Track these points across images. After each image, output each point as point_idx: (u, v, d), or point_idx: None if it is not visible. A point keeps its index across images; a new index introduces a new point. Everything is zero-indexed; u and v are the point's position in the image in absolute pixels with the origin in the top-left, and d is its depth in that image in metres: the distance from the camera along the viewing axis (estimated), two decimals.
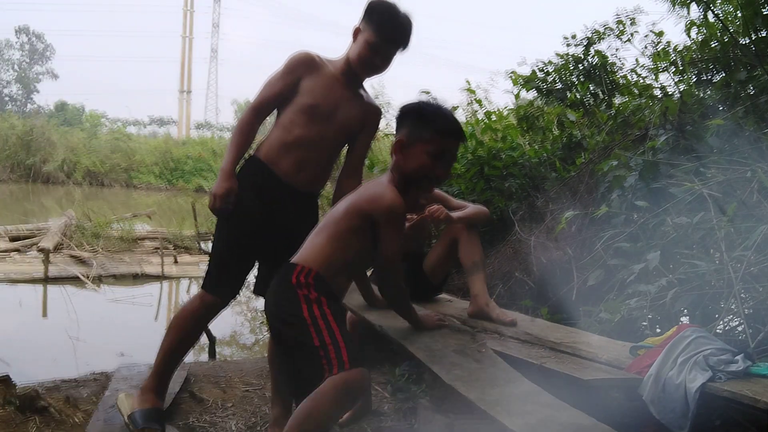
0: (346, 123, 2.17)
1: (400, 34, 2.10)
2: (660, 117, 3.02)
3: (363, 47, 2.07)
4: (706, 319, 2.11)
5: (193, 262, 7.83)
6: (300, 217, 2.19)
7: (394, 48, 2.11)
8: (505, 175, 4.04)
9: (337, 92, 2.13)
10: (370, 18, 2.07)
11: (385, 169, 4.56)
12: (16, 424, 2.17)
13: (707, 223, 2.19)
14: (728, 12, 3.37)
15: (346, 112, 2.16)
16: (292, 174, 2.14)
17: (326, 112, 2.12)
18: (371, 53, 2.07)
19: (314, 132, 2.12)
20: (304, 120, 2.11)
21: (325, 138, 2.15)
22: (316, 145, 2.14)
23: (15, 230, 7.94)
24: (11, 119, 22.67)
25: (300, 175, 2.15)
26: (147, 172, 22.76)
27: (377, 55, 2.09)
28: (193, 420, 2.43)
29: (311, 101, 2.10)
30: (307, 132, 2.11)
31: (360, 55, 2.08)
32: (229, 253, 2.19)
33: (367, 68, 2.13)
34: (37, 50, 42.91)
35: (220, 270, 2.20)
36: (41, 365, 3.54)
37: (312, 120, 2.11)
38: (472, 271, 2.30)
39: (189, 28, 35.49)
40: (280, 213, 2.15)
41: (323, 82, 2.12)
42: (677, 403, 1.54)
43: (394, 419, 2.53)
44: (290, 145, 2.12)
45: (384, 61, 2.12)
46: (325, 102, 2.11)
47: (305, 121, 2.11)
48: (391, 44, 2.09)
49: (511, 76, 4.80)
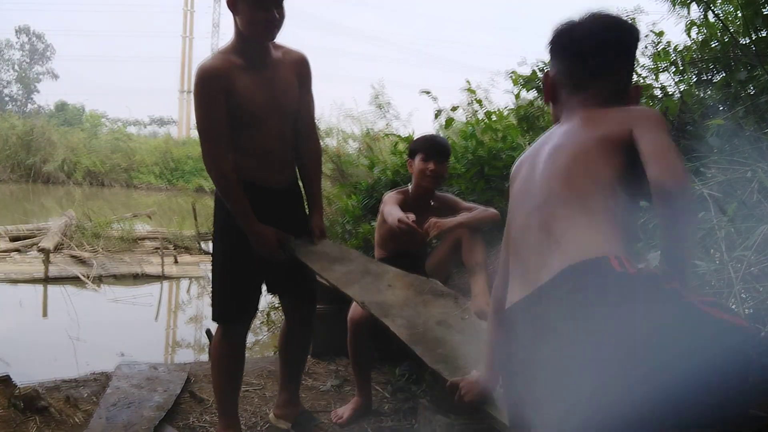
0: (279, 104, 2.05)
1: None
2: None
3: (247, 11, 1.90)
4: None
5: (193, 262, 7.83)
6: (289, 211, 2.19)
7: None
8: (505, 175, 4.04)
9: (254, 84, 1.98)
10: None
11: (385, 169, 4.57)
12: (17, 424, 2.18)
13: (707, 223, 2.19)
14: (728, 12, 3.37)
15: (271, 95, 2.02)
16: (264, 177, 2.08)
17: (257, 111, 2.00)
18: (262, 10, 1.89)
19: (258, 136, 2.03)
20: (250, 131, 2.02)
21: (271, 133, 2.05)
22: (267, 143, 2.06)
23: (15, 230, 7.95)
24: (11, 119, 22.68)
25: (271, 176, 2.11)
26: (147, 172, 22.76)
27: (265, 7, 1.90)
28: (194, 420, 2.43)
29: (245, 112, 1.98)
30: (261, 136, 2.03)
31: (251, 19, 1.90)
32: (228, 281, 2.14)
33: (266, 27, 1.94)
34: (38, 50, 42.92)
35: (227, 297, 2.15)
36: (41, 365, 3.55)
37: (256, 125, 2.01)
38: (474, 272, 2.31)
39: (189, 28, 35.49)
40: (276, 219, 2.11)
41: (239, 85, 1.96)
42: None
43: (395, 419, 2.53)
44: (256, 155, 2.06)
45: (277, 9, 1.93)
46: (252, 104, 1.98)
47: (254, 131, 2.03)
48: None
49: (512, 76, 4.79)
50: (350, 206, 4.55)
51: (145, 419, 2.30)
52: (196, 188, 19.87)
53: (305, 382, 2.96)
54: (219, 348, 2.18)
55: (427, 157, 2.47)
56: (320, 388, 2.90)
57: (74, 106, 35.30)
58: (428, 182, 2.48)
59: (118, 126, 27.44)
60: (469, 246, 2.35)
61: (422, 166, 2.47)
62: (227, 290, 2.14)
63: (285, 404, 2.40)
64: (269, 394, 2.75)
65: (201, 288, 6.79)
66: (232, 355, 2.19)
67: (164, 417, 2.35)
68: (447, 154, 2.55)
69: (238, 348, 2.21)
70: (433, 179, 2.47)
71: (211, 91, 1.93)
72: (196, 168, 23.10)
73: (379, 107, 7.16)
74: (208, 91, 1.93)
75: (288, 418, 2.38)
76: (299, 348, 2.39)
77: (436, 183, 2.51)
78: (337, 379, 2.99)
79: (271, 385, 2.88)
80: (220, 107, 1.94)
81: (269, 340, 4.64)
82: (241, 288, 2.14)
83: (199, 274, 7.29)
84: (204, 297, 6.46)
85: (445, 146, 2.56)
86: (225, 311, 2.15)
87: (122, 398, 2.49)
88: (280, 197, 2.14)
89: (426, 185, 2.49)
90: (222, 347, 2.18)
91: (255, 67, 2.00)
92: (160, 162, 23.21)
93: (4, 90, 41.95)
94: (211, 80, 1.93)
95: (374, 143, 6.97)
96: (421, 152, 2.50)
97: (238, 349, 2.21)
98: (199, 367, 3.11)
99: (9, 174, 20.35)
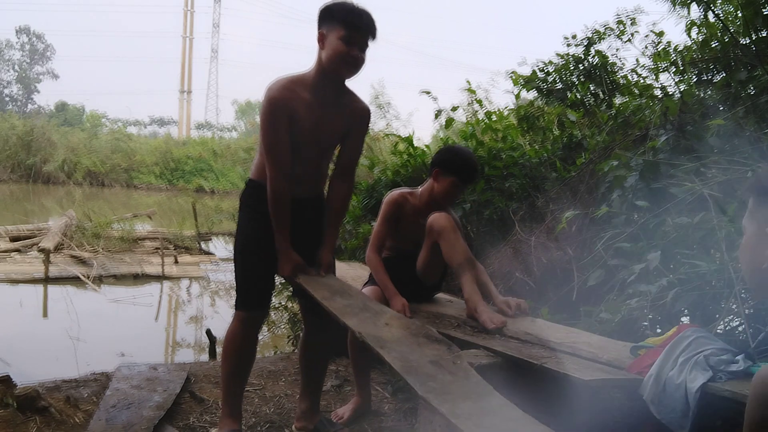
0: (328, 139, 2.19)
1: (367, 20, 2.05)
2: (660, 117, 3.02)
3: (336, 45, 2.01)
4: (707, 319, 2.11)
5: (193, 262, 7.84)
6: (311, 220, 2.25)
7: (365, 35, 2.06)
8: (505, 175, 4.04)
9: (316, 114, 2.11)
10: (332, 17, 2.04)
11: (385, 169, 4.57)
12: (17, 424, 2.18)
13: (708, 223, 2.19)
14: (728, 12, 3.37)
15: (327, 129, 2.15)
16: (293, 188, 2.15)
17: (309, 138, 2.12)
18: (347, 46, 2.01)
19: (300, 156, 2.13)
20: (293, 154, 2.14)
21: (311, 158, 2.17)
22: (304, 161, 2.16)
23: (15, 230, 7.95)
24: (12, 119, 22.71)
25: (300, 188, 2.18)
26: (147, 172, 22.78)
27: (353, 46, 2.03)
28: (194, 420, 2.43)
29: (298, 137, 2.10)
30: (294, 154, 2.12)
31: (335, 53, 2.02)
32: (252, 272, 2.21)
33: (346, 64, 2.05)
34: (38, 50, 42.93)
35: (246, 287, 2.22)
36: (42, 365, 3.55)
37: (296, 149, 2.12)
38: (459, 273, 2.29)
39: (189, 28, 35.53)
40: (296, 223, 2.18)
41: (303, 111, 2.08)
42: (678, 403, 1.54)
43: (395, 419, 2.53)
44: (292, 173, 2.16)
45: (361, 51, 2.06)
46: (307, 131, 2.10)
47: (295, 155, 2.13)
48: (362, 32, 2.04)
49: (512, 76, 4.79)
50: (350, 206, 4.55)
51: (144, 419, 2.30)
52: (197, 188, 19.90)
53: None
54: (237, 336, 2.22)
55: (462, 184, 2.44)
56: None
57: (74, 107, 35.36)
58: (450, 204, 2.49)
59: (119, 126, 27.47)
60: (447, 248, 2.31)
61: (453, 191, 2.43)
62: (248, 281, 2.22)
63: (304, 415, 2.39)
64: (269, 394, 2.75)
65: (201, 288, 6.79)
66: (248, 343, 2.25)
67: (164, 417, 2.35)
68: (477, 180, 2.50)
69: (254, 337, 2.28)
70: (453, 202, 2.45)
71: (277, 117, 2.05)
72: (196, 168, 23.13)
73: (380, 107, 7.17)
74: (275, 116, 2.05)
75: (306, 429, 2.38)
76: (317, 355, 2.40)
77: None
78: (337, 379, 2.99)
79: (271, 385, 2.88)
80: (284, 132, 2.06)
81: (269, 341, 4.65)
82: (263, 276, 2.22)
83: (199, 274, 7.29)
84: (204, 297, 6.47)
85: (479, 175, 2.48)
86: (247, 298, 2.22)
87: (122, 399, 2.49)
88: (297, 205, 2.18)
89: (446, 205, 2.48)
90: (235, 330, 2.22)
91: (320, 104, 2.11)
92: (161, 162, 23.23)
93: (5, 90, 41.98)
94: (278, 109, 2.05)
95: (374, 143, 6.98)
96: (455, 175, 2.41)
97: (253, 338, 2.28)
98: (199, 367, 3.11)
99: (9, 174, 20.37)
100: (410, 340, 1.86)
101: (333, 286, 2.19)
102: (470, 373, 1.67)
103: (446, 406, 1.44)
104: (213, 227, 9.70)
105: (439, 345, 1.86)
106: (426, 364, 1.70)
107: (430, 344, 1.85)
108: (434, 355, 1.77)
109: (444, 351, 1.81)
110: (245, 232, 2.23)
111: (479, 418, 1.39)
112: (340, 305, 2.03)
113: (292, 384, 2.90)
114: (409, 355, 1.74)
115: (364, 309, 2.05)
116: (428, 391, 1.52)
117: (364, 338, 1.83)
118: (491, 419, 1.39)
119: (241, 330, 2.22)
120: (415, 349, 1.79)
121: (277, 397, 2.73)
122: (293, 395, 2.76)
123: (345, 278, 3.03)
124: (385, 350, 1.75)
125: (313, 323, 2.37)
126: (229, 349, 2.23)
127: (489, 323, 2.10)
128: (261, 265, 2.19)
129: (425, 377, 1.61)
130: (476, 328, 2.14)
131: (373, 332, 1.87)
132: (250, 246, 2.20)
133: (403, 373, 1.62)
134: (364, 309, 2.05)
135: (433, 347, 1.83)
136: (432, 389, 1.54)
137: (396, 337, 1.88)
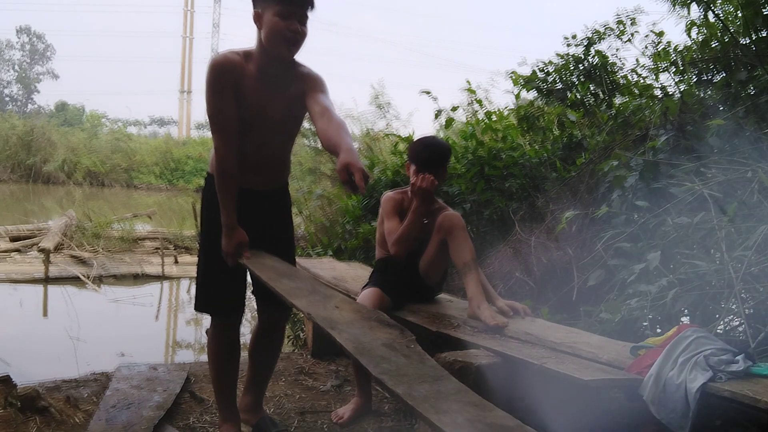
0: (280, 120, 2.06)
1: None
2: (660, 117, 3.02)
3: (272, 22, 1.90)
4: (707, 319, 2.11)
5: (193, 262, 7.82)
6: (273, 212, 2.18)
7: (302, 6, 1.93)
8: (505, 175, 4.04)
9: (262, 92, 2.00)
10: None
11: (385, 169, 4.58)
12: (17, 424, 2.18)
13: (708, 223, 2.19)
14: (728, 12, 3.37)
15: (276, 109, 2.03)
16: (252, 179, 2.08)
17: (257, 117, 2.01)
18: (284, 22, 1.90)
19: (252, 139, 2.04)
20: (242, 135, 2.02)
21: (264, 141, 2.06)
22: (260, 149, 2.06)
23: (15, 230, 7.95)
24: (12, 119, 22.69)
25: (258, 178, 2.10)
26: (147, 172, 22.77)
27: (290, 20, 1.90)
28: (194, 420, 2.43)
29: (244, 114, 1.98)
30: (245, 141, 2.03)
31: (272, 30, 1.90)
32: (212, 270, 2.13)
33: (286, 41, 1.93)
34: (38, 50, 42.91)
35: (207, 289, 2.15)
36: (42, 365, 3.55)
37: (246, 130, 2.02)
38: (465, 273, 2.29)
39: (189, 28, 35.48)
40: (253, 217, 2.10)
41: (248, 86, 1.97)
42: (678, 403, 1.54)
43: (395, 419, 2.53)
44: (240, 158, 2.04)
45: (301, 24, 1.93)
46: (254, 109, 2.00)
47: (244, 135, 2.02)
48: (297, 3, 1.92)
49: (512, 76, 4.79)
50: (350, 206, 4.55)
51: (144, 419, 2.30)
52: (197, 188, 19.87)
53: (305, 382, 2.96)
54: (213, 342, 2.20)
55: (421, 170, 2.39)
56: (320, 388, 2.90)
57: (74, 107, 35.32)
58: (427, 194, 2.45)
59: (119, 126, 27.43)
60: (456, 246, 2.32)
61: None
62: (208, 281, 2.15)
63: (247, 408, 2.35)
64: (269, 394, 2.75)
65: None
66: (225, 348, 2.20)
67: (164, 417, 2.35)
68: (443, 162, 2.47)
69: (233, 340, 2.22)
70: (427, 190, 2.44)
71: (222, 82, 1.95)
72: (197, 168, 23.11)
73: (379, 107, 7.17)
74: (219, 82, 1.95)
75: (249, 423, 2.34)
76: (268, 352, 2.36)
77: (434, 191, 2.49)
78: (337, 379, 2.99)
79: (271, 385, 2.87)
80: (228, 99, 1.95)
81: None
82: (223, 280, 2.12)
83: None
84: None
85: (440, 155, 2.44)
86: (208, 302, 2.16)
87: (122, 399, 2.49)
88: (258, 197, 2.11)
89: (425, 196, 2.46)
90: (215, 341, 2.20)
91: (266, 79, 2.00)
92: (161, 162, 23.22)
93: (5, 90, 41.97)
94: (222, 72, 1.95)
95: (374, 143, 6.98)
96: (414, 162, 2.43)
97: (231, 343, 2.21)
98: (199, 367, 3.11)
99: (9, 174, 20.36)
100: (362, 323, 1.81)
101: (280, 268, 2.09)
102: (425, 357, 1.64)
103: (402, 388, 1.41)
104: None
105: (391, 329, 1.80)
106: (379, 346, 1.65)
107: (383, 328, 1.80)
108: (387, 339, 1.72)
109: (397, 335, 1.77)
110: (208, 229, 2.12)
111: (436, 402, 1.36)
112: (287, 287, 1.96)
113: (292, 384, 2.91)
114: (361, 337, 1.70)
115: (314, 292, 1.99)
116: (383, 372, 1.48)
117: (313, 318, 1.79)
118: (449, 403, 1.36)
119: (216, 335, 2.18)
120: (367, 332, 1.75)
121: (277, 397, 2.73)
122: (293, 395, 2.77)
123: (345, 278, 3.04)
124: (336, 331, 1.71)
125: (267, 322, 2.31)
126: (210, 355, 2.21)
127: (491, 320, 2.11)
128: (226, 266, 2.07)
129: (379, 359, 1.56)
130: (476, 328, 2.14)
131: (322, 314, 1.82)
132: (214, 245, 2.07)
133: (356, 354, 1.57)
134: (314, 292, 1.99)
135: (385, 331, 1.78)
136: (386, 371, 1.49)
137: (347, 319, 1.83)
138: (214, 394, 2.27)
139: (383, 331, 1.79)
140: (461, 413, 1.31)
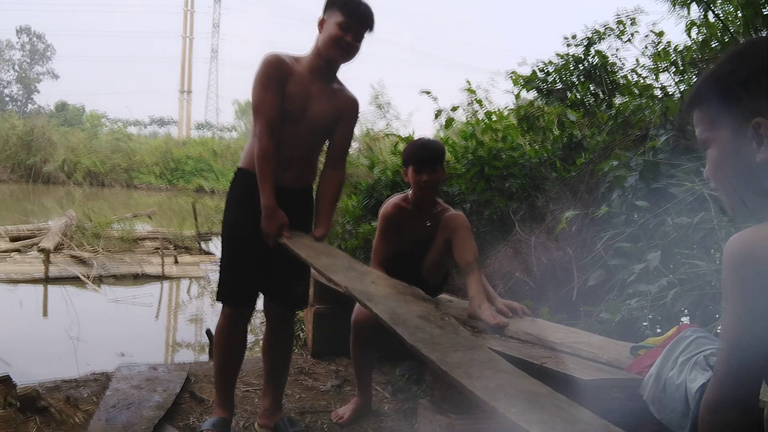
0: (317, 119, 2.20)
1: (365, 11, 2.15)
2: (660, 117, 3.02)
3: (332, 29, 2.11)
4: (707, 319, 2.11)
5: (193, 262, 7.83)
6: (296, 212, 2.23)
7: (362, 26, 2.14)
8: (505, 175, 4.04)
9: (308, 90, 2.17)
10: (334, 4, 2.14)
11: (385, 169, 4.58)
12: (17, 424, 2.18)
13: (708, 223, 2.19)
14: (729, 12, 3.37)
15: (316, 108, 2.18)
16: (280, 174, 2.17)
17: (297, 112, 2.16)
18: (342, 32, 2.10)
19: (288, 133, 2.16)
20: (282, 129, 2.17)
21: (299, 137, 2.19)
22: (292, 144, 2.18)
23: (15, 230, 7.95)
24: (12, 119, 22.69)
25: (286, 174, 2.20)
26: (147, 172, 22.77)
27: (348, 32, 2.11)
28: (194, 420, 2.43)
29: (287, 107, 2.14)
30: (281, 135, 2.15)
31: (330, 37, 2.11)
32: (234, 262, 2.22)
33: (340, 50, 2.13)
34: (38, 50, 42.93)
35: (228, 279, 2.24)
36: (42, 365, 3.54)
37: (284, 123, 2.15)
38: (467, 273, 2.31)
39: (189, 28, 35.53)
40: None
41: (294, 83, 2.14)
42: (678, 403, 1.54)
43: (395, 419, 2.53)
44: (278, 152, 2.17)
45: (355, 39, 2.14)
46: (296, 104, 2.15)
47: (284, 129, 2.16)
48: (359, 21, 2.13)
49: (512, 76, 4.80)
50: (350, 206, 4.55)
51: (144, 419, 2.30)
52: (197, 188, 19.89)
53: (305, 382, 2.96)
54: (223, 333, 2.26)
55: (419, 169, 2.42)
56: (320, 388, 2.90)
57: (74, 107, 35.34)
58: (426, 193, 2.46)
59: (119, 126, 27.45)
60: (460, 246, 2.34)
61: (416, 178, 2.43)
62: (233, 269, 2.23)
63: (265, 413, 2.39)
64: None
65: (201, 288, 6.79)
66: (233, 339, 2.27)
67: (164, 417, 2.35)
68: (440, 160, 2.48)
69: (242, 331, 2.30)
70: (429, 189, 2.45)
71: (271, 76, 2.11)
72: (197, 168, 23.13)
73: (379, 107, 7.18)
74: (269, 75, 2.11)
75: (267, 427, 2.37)
76: (279, 348, 2.40)
77: (434, 191, 2.49)
78: (337, 379, 2.99)
79: None
80: (275, 92, 2.11)
81: None
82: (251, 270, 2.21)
83: (199, 274, 7.29)
84: (204, 297, 6.46)
85: (436, 153, 2.46)
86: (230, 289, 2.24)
87: (122, 399, 2.49)
88: (284, 195, 2.18)
89: (424, 196, 2.48)
90: (227, 331, 2.25)
91: (309, 80, 2.17)
92: (161, 162, 23.22)
93: (5, 90, 41.98)
94: (273, 67, 2.12)
95: (374, 143, 6.98)
96: (411, 164, 2.45)
97: (241, 333, 2.30)
98: (199, 367, 3.11)
99: (9, 174, 20.36)
100: (397, 297, 1.87)
101: (318, 247, 2.19)
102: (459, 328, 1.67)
103: (435, 355, 1.44)
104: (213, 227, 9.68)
105: (426, 303, 1.87)
106: (414, 318, 1.70)
107: (417, 301, 1.86)
108: (422, 311, 1.77)
109: (432, 308, 1.82)
110: (233, 222, 2.23)
111: (469, 368, 1.38)
112: (325, 263, 2.03)
113: (292, 384, 2.90)
114: (396, 308, 1.75)
115: (350, 268, 2.06)
116: (417, 341, 1.52)
117: (351, 292, 1.84)
118: (482, 370, 1.38)
119: (227, 325, 2.25)
120: (402, 305, 1.80)
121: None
122: (293, 395, 2.77)
123: None
124: (373, 303, 1.76)
125: (275, 319, 2.37)
126: (218, 344, 2.28)
127: (492, 319, 2.12)
128: (249, 258, 2.19)
129: (413, 329, 1.60)
130: (476, 328, 2.14)
131: (359, 287, 1.88)
132: (238, 238, 2.20)
133: (391, 323, 1.62)
134: (350, 268, 2.06)
135: (420, 304, 1.84)
136: (420, 339, 1.53)
137: (383, 293, 1.89)
138: (215, 382, 2.32)
139: (418, 304, 1.84)
140: (493, 379, 1.34)
